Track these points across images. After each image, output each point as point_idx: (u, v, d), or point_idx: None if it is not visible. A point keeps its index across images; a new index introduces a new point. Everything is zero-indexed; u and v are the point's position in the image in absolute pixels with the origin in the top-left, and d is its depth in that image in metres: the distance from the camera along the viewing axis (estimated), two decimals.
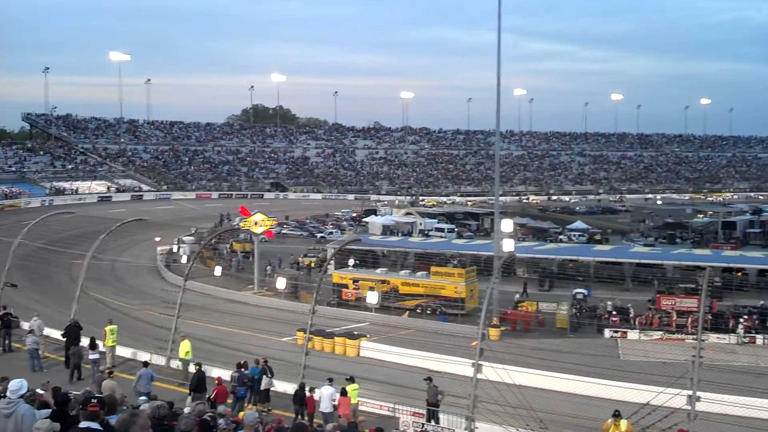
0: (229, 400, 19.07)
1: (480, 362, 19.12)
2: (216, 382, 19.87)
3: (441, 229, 64.31)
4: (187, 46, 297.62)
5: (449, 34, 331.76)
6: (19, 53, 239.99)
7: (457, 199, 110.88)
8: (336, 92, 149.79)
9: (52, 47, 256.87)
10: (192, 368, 21.28)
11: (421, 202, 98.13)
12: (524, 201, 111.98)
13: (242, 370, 20.54)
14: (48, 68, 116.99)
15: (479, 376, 18.75)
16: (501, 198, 49.58)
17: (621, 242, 60.63)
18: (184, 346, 23.08)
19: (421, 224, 66.96)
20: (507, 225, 36.37)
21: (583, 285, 40.00)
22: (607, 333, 33.35)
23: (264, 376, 21.02)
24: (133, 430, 5.08)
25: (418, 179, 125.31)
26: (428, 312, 37.40)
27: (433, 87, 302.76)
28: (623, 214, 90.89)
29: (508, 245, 34.70)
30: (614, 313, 34.54)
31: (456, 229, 65.85)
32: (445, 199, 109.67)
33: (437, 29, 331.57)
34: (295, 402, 19.60)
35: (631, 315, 34.33)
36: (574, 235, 64.42)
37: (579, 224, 68.98)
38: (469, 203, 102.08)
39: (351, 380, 20.20)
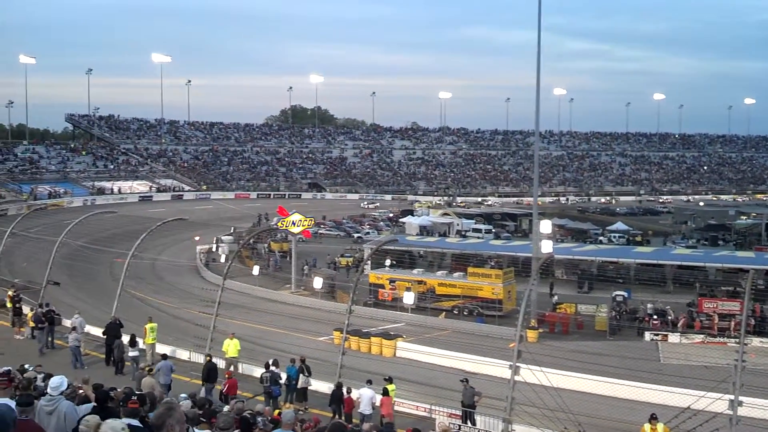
0: (261, 398, 19.23)
1: (518, 364, 18.97)
2: (226, 375, 20.58)
3: (478, 230, 64.01)
4: (227, 48, 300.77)
5: (488, 33, 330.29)
6: (63, 55, 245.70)
7: (491, 199, 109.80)
8: (374, 93, 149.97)
9: (96, 49, 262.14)
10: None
11: (454, 203, 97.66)
12: (562, 202, 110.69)
13: (272, 368, 20.72)
14: (91, 70, 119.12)
15: (517, 378, 18.61)
16: (539, 199, 49.01)
17: (662, 244, 59.71)
18: (235, 345, 23.27)
19: (458, 225, 66.73)
20: (546, 226, 36.03)
21: (623, 287, 39.41)
22: (648, 336, 32.85)
23: (301, 375, 21.14)
24: (168, 423, 5.13)
25: (456, 180, 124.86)
26: (465, 313, 37.25)
27: (472, 87, 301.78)
28: (664, 215, 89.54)
29: (547, 246, 34.38)
30: (654, 316, 34.02)
31: (493, 230, 65.46)
32: (479, 199, 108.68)
33: (476, 28, 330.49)
34: (333, 402, 19.67)
35: (669, 317, 33.79)
36: (614, 237, 63.62)
37: (619, 225, 68.04)
38: (486, 204, 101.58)
39: (389, 380, 20.23)
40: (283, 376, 21.19)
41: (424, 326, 34.45)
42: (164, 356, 21.74)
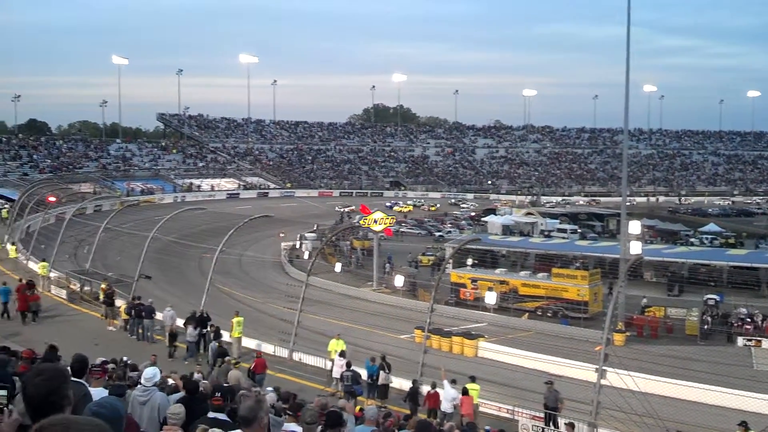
0: (337, 392, 19.37)
1: (604, 367, 18.59)
2: (256, 354, 21.67)
3: (563, 230, 62.81)
4: (311, 48, 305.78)
5: (574, 29, 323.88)
6: (154, 56, 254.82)
7: (572, 198, 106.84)
8: (456, 91, 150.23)
9: (186, 50, 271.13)
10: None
11: (538, 202, 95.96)
12: (652, 202, 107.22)
13: (353, 367, 20.92)
14: (181, 70, 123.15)
15: (603, 381, 18.25)
16: (628, 198, 47.62)
17: (754, 247, 57.18)
18: (341, 345, 23.33)
19: (542, 224, 65.65)
20: (635, 227, 35.04)
21: (715, 291, 37.92)
22: (740, 341, 31.50)
23: (381, 372, 21.21)
24: (260, 415, 5.23)
25: (540, 179, 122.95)
26: (549, 314, 36.61)
27: (557, 84, 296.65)
28: (759, 216, 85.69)
29: (636, 248, 33.42)
30: (748, 320, 32.62)
31: (579, 230, 64.11)
32: (560, 199, 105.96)
33: (562, 24, 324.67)
34: (409, 399, 19.67)
35: (762, 322, 32.33)
36: (706, 239, 61.31)
37: (711, 227, 65.49)
38: (577, 204, 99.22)
39: (473, 380, 20.13)
40: (364, 372, 21.35)
41: (506, 327, 34.05)
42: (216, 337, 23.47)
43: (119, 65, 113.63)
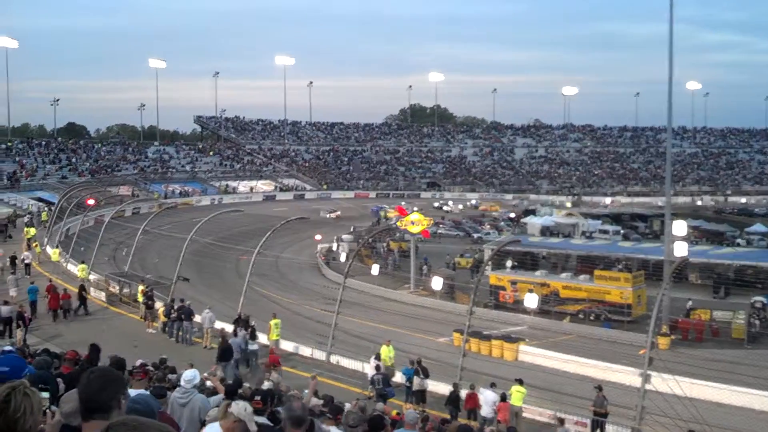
0: (368, 392, 19.09)
1: (648, 372, 18.24)
2: (270, 351, 22.13)
3: (606, 231, 61.75)
4: (348, 49, 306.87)
5: (615, 26, 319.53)
6: (191, 59, 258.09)
7: (608, 200, 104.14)
8: (494, 90, 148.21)
9: (222, 53, 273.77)
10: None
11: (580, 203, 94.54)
12: (697, 202, 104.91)
13: (382, 370, 20.75)
14: (218, 73, 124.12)
15: (647, 386, 17.86)
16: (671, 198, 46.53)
17: None
18: (390, 352, 23.09)
19: (583, 225, 64.65)
20: (680, 227, 34.18)
21: (762, 293, 36.79)
22: None
23: (416, 377, 20.90)
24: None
25: (581, 178, 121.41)
26: (591, 318, 35.89)
27: (598, 82, 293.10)
28: None
29: (681, 249, 32.59)
30: None
31: (622, 231, 62.99)
32: (607, 200, 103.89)
33: (603, 22, 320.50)
34: (449, 402, 19.39)
35: None
36: (754, 239, 59.78)
37: (759, 227, 63.85)
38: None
39: (520, 382, 19.84)
40: (398, 375, 21.18)
41: (547, 330, 33.44)
42: (235, 332, 23.98)
43: (156, 68, 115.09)
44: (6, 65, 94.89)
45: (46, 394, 3.93)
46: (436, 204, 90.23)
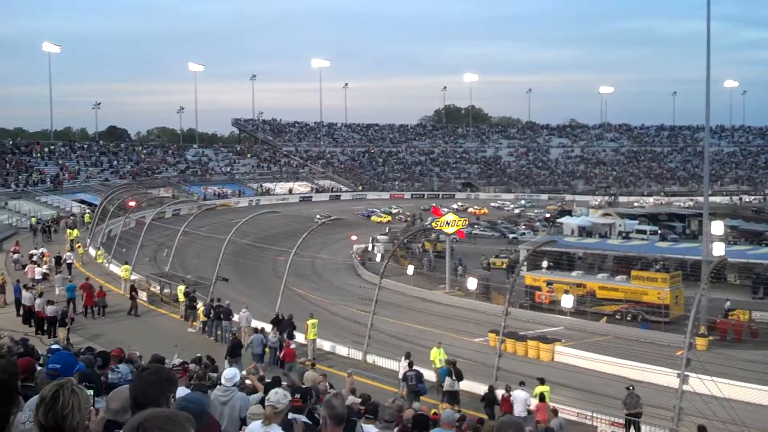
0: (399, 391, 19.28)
1: (686, 373, 18.11)
2: (285, 345, 23.02)
3: (643, 231, 61.07)
4: (382, 50, 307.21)
5: (651, 24, 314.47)
6: (229, 62, 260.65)
7: (650, 200, 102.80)
8: (530, 90, 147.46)
9: (259, 56, 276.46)
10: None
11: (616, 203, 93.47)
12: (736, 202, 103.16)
13: (415, 367, 20.90)
14: (255, 76, 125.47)
15: (685, 387, 17.75)
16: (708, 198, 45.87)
17: None
18: (441, 354, 22.98)
19: (620, 225, 64.01)
20: (717, 227, 33.80)
21: None
22: None
23: (447, 378, 20.97)
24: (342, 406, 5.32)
25: (617, 178, 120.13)
26: (628, 318, 35.61)
27: (634, 81, 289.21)
28: None
29: (719, 249, 32.22)
30: None
31: (659, 231, 62.24)
32: (651, 200, 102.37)
33: (638, 20, 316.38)
34: (486, 405, 19.46)
35: None
36: None
37: None
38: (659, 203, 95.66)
39: (542, 382, 19.89)
40: (427, 373, 21.35)
41: (583, 331, 33.27)
42: (256, 330, 24.46)
43: (195, 72, 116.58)
44: (49, 70, 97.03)
45: (91, 392, 4.14)
46: (495, 204, 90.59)
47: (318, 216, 63.25)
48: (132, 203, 50.23)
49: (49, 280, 33.27)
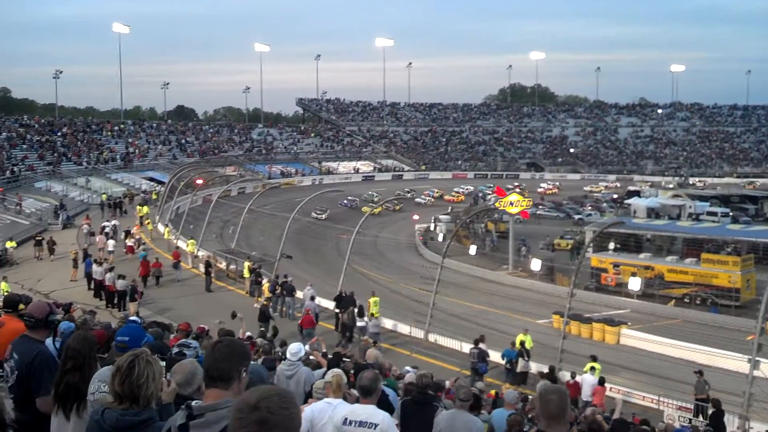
0: (467, 371, 19.19)
1: (757, 358, 17.64)
2: (305, 311, 23.95)
3: (714, 213, 59.30)
4: (445, 29, 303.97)
5: (725, 1, 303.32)
6: (293, 42, 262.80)
7: (711, 180, 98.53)
8: (598, 68, 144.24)
9: (323, 36, 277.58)
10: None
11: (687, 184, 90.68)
12: None
13: (480, 346, 20.76)
14: (319, 55, 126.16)
15: (756, 373, 17.28)
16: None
17: None
18: (528, 341, 22.45)
19: (690, 207, 62.28)
20: None
21: None
22: None
23: (520, 359, 20.95)
24: (379, 388, 5.32)
25: (688, 159, 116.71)
26: (697, 302, 34.72)
27: (707, 59, 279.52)
28: None
29: None
30: None
31: (731, 214, 60.33)
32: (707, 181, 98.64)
33: None
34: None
35: None
36: None
37: None
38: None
39: (594, 359, 19.77)
40: (493, 354, 21.26)
41: (651, 314, 32.61)
42: (313, 297, 25.73)
43: (261, 52, 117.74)
44: (119, 50, 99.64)
45: (163, 363, 4.18)
46: (588, 187, 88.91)
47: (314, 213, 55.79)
48: (199, 181, 51.31)
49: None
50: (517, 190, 64.57)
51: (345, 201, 65.79)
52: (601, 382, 18.74)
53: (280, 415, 2.31)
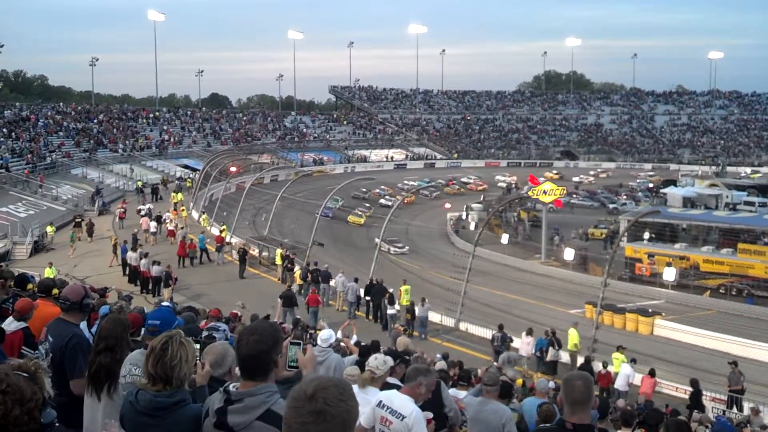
0: (488, 357, 19.15)
1: None
2: (312, 291, 24.95)
3: (751, 203, 58.21)
4: (480, 15, 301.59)
5: None
6: (327, 30, 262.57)
7: (746, 171, 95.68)
8: (635, 55, 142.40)
9: (357, 23, 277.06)
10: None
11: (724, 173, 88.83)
12: None
13: (503, 332, 20.99)
14: (352, 43, 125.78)
15: None
16: None
17: None
18: (574, 338, 21.96)
19: (727, 197, 61.18)
20: None
21: None
22: None
23: (551, 348, 20.86)
24: (419, 380, 5.35)
25: (726, 148, 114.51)
26: (733, 293, 34.19)
27: (747, 46, 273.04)
28: None
29: None
30: None
31: None
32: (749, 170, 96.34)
33: None
34: None
35: None
36: None
37: None
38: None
39: (618, 349, 19.86)
40: (518, 343, 21.22)
41: (685, 305, 32.22)
42: (356, 279, 26.33)
43: (294, 40, 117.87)
44: (154, 38, 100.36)
45: (197, 346, 4.20)
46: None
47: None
48: (233, 169, 51.63)
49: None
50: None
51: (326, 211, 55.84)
52: (652, 373, 18.55)
53: (337, 407, 2.27)
